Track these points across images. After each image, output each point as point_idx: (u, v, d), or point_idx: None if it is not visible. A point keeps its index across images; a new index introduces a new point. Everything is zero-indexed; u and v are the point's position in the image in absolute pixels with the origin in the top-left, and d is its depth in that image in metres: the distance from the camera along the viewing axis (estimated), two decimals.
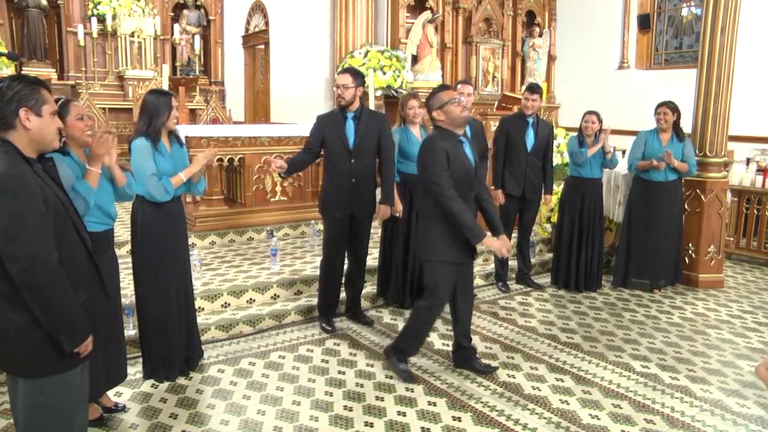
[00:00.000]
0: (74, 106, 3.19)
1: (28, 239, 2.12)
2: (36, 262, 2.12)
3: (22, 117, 2.20)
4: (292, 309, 4.95)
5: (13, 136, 2.22)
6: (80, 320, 2.26)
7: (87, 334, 2.30)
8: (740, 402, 3.74)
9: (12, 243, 2.11)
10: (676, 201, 5.84)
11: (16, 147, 2.21)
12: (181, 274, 3.87)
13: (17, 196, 2.11)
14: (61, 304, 2.20)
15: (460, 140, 3.79)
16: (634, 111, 9.33)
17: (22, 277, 2.12)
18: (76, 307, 2.24)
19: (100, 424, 3.35)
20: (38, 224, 2.14)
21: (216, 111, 11.31)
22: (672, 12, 10.75)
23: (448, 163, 3.64)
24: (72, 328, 2.24)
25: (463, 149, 3.78)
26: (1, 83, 2.22)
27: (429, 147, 3.74)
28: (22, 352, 2.23)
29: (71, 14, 12.11)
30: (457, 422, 3.45)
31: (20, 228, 2.11)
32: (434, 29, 10.53)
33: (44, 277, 2.14)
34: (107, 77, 12.16)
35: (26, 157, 2.22)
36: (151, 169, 3.58)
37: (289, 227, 6.85)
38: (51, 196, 2.23)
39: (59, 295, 2.19)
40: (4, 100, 2.19)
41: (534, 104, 5.58)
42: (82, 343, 2.29)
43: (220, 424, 3.40)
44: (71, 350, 2.26)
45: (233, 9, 13.51)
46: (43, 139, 2.27)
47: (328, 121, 4.62)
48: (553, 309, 5.38)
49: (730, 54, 5.84)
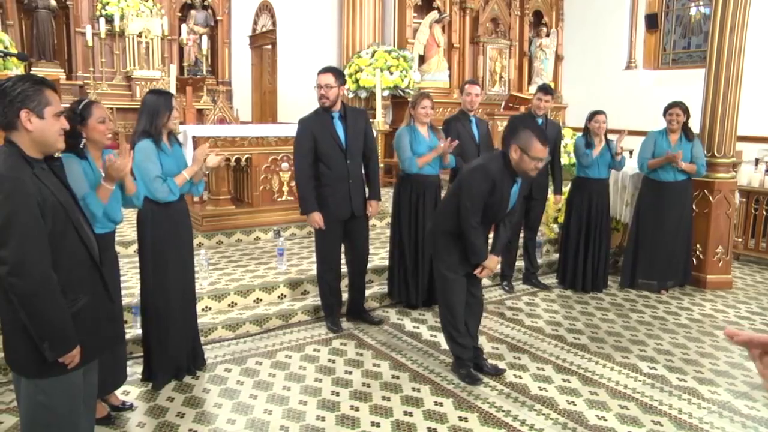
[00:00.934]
0: (97, 108, 3.17)
1: (17, 243, 2.11)
2: (23, 268, 2.12)
3: (23, 118, 2.20)
4: (299, 309, 4.96)
5: (17, 136, 2.22)
6: (65, 330, 2.23)
7: (72, 345, 2.26)
8: (749, 404, 3.72)
9: (1, 245, 2.11)
10: (685, 202, 5.81)
11: (19, 148, 2.21)
12: (184, 274, 3.86)
13: (11, 199, 2.11)
14: (46, 312, 2.18)
15: (515, 180, 3.79)
16: (641, 111, 9.32)
17: (8, 280, 2.12)
18: (61, 316, 2.21)
19: (107, 423, 3.36)
20: (30, 229, 2.13)
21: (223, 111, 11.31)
22: (680, 11, 10.71)
23: (489, 196, 3.67)
24: (56, 338, 2.21)
25: (512, 189, 3.79)
26: (6, 82, 2.22)
27: (483, 174, 3.70)
28: (24, 351, 2.24)
29: (80, 15, 12.20)
30: (464, 422, 3.45)
31: (11, 232, 2.11)
32: (441, 29, 10.55)
33: (30, 284, 2.13)
34: (115, 77, 12.22)
35: (29, 158, 2.21)
36: (156, 171, 3.58)
37: (296, 227, 6.86)
38: (50, 199, 2.21)
39: (43, 302, 2.16)
40: (7, 101, 2.19)
41: (546, 105, 5.61)
42: (66, 354, 2.25)
43: (226, 423, 3.41)
44: (53, 360, 2.23)
45: (241, 9, 13.54)
46: (44, 141, 2.26)
47: (315, 123, 4.50)
48: (560, 309, 5.37)
49: (738, 54, 5.81)
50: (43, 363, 2.23)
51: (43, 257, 2.16)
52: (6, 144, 2.23)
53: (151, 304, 3.76)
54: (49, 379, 2.27)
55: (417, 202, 5.01)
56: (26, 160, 2.20)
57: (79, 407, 2.41)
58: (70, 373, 2.31)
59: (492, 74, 11.29)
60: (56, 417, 2.32)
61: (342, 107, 4.54)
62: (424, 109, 4.97)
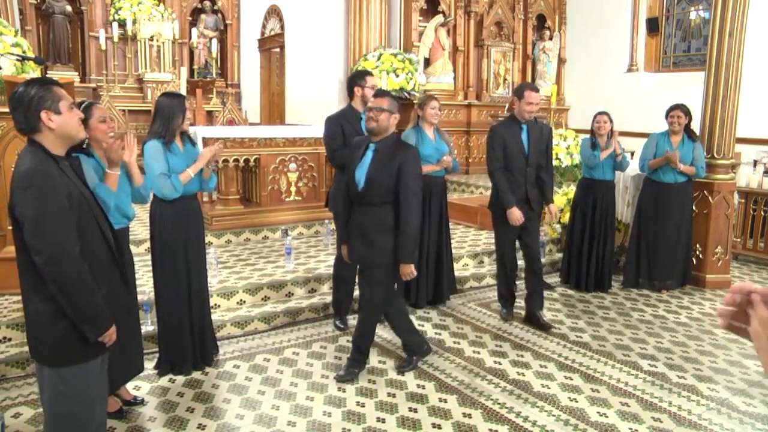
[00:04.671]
0: (97, 108, 3.31)
1: (52, 233, 2.22)
2: (59, 256, 2.23)
3: (44, 119, 2.30)
4: (306, 306, 5.05)
5: (41, 137, 2.32)
6: (102, 311, 2.36)
7: (109, 324, 2.39)
8: (746, 401, 3.78)
9: (37, 236, 2.22)
10: (686, 203, 5.87)
11: (43, 146, 2.31)
12: (196, 271, 3.94)
13: (42, 192, 2.22)
14: (83, 295, 2.29)
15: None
16: (642, 113, 9.37)
17: (46, 269, 2.23)
18: (97, 299, 2.34)
19: (119, 417, 3.45)
20: (61, 219, 2.24)
21: (232, 113, 11.45)
22: (680, 15, 10.78)
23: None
24: (94, 318, 2.34)
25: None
26: (17, 91, 2.32)
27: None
28: (49, 341, 2.34)
29: (94, 20, 12.45)
30: (468, 419, 3.51)
31: (44, 222, 2.21)
32: (446, 32, 10.62)
33: (67, 270, 2.24)
34: (127, 80, 12.38)
35: (53, 156, 2.32)
36: (160, 169, 3.68)
37: (304, 226, 6.95)
38: (75, 192, 2.32)
39: (81, 287, 2.28)
40: (24, 107, 2.29)
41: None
42: (105, 333, 2.38)
43: (235, 418, 3.48)
44: (95, 339, 2.36)
45: (250, 13, 13.67)
46: (68, 134, 2.37)
47: (342, 119, 4.62)
48: (563, 308, 5.43)
49: (738, 57, 5.88)
50: (64, 352, 2.34)
51: (75, 246, 2.27)
52: (30, 143, 2.33)
53: (163, 300, 3.87)
54: (70, 367, 2.37)
55: (423, 203, 5.06)
56: (51, 156, 2.31)
57: (94, 396, 2.50)
58: (89, 362, 2.41)
59: (496, 77, 11.36)
60: (75, 405, 2.42)
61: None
62: (433, 110, 5.06)
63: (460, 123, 10.75)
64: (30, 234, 2.22)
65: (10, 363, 3.91)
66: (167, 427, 3.39)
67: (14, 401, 3.61)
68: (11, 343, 4.10)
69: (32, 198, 2.21)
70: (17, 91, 2.31)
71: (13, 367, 3.92)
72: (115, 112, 10.95)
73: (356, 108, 4.63)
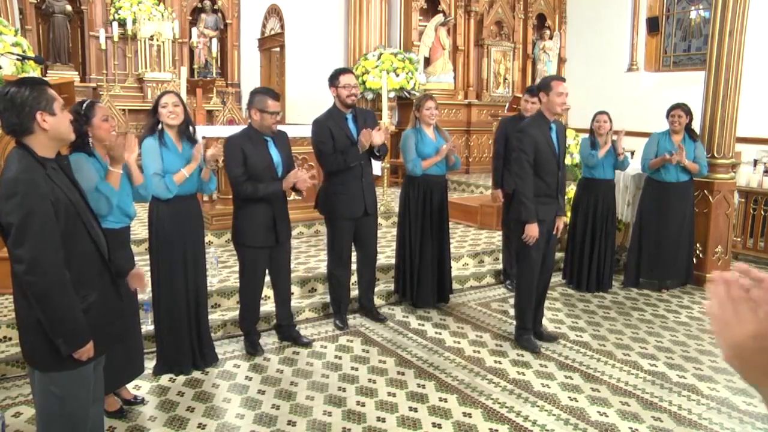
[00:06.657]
0: (99, 107, 3.30)
1: (34, 243, 2.18)
2: (39, 267, 2.19)
3: (39, 120, 2.25)
4: (306, 306, 5.06)
5: (31, 140, 2.27)
6: (80, 326, 2.30)
7: (86, 340, 2.32)
8: (746, 400, 3.78)
9: (18, 245, 2.18)
10: (687, 202, 5.87)
11: (31, 150, 2.26)
12: (193, 272, 3.93)
13: (25, 200, 2.17)
14: (60, 309, 2.24)
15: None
16: (642, 112, 9.36)
17: (25, 279, 2.20)
18: (76, 314, 2.28)
19: (119, 416, 3.45)
20: (45, 229, 2.20)
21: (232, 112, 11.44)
22: (680, 15, 10.79)
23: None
24: (71, 332, 2.28)
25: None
26: (7, 91, 2.26)
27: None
28: (39, 347, 2.32)
29: (94, 19, 12.42)
30: (468, 418, 3.51)
31: (26, 232, 2.17)
32: (446, 32, 10.63)
33: (46, 282, 2.20)
34: (127, 79, 12.37)
35: (41, 159, 2.27)
36: (154, 168, 3.68)
37: (304, 226, 6.94)
38: (61, 197, 2.27)
39: (59, 300, 2.23)
40: (18, 107, 2.23)
41: (533, 107, 5.57)
42: (80, 349, 2.32)
43: (235, 417, 3.48)
44: (68, 354, 2.30)
45: (250, 13, 13.66)
46: (60, 135, 2.34)
47: (330, 122, 4.63)
48: (563, 307, 5.44)
49: (738, 56, 5.88)
50: (56, 357, 2.30)
51: (57, 256, 2.23)
52: (18, 147, 2.28)
53: (160, 299, 3.87)
54: (62, 372, 2.35)
55: (424, 202, 5.09)
56: (38, 161, 2.26)
57: (89, 398, 2.48)
58: (82, 366, 2.38)
59: (496, 76, 11.37)
60: (68, 407, 2.39)
61: (353, 107, 4.66)
62: (428, 111, 5.06)
63: (460, 122, 10.76)
64: (11, 242, 2.20)
65: (10, 362, 3.92)
66: (167, 427, 3.39)
67: (14, 400, 3.62)
68: (11, 343, 4.10)
69: (16, 207, 2.17)
70: (7, 91, 2.25)
71: (14, 366, 3.92)
72: (115, 111, 10.95)
73: (339, 108, 4.66)
